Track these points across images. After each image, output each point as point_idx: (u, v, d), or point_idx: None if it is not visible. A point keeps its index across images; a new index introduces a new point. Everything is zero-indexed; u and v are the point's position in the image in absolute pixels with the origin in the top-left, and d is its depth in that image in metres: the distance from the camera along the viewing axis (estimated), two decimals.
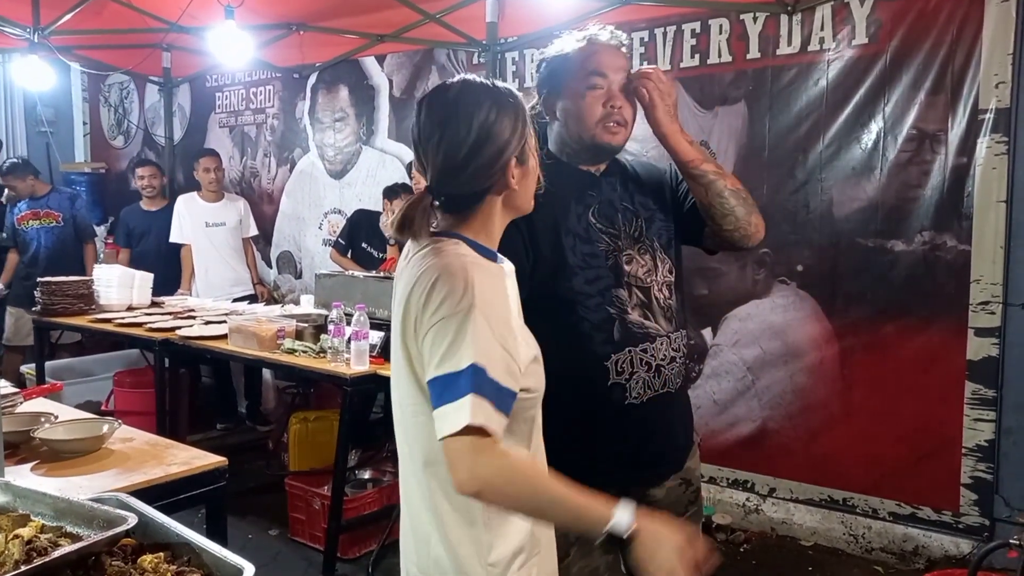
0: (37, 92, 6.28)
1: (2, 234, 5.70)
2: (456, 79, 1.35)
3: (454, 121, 1.28)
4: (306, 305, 4.27)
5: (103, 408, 4.63)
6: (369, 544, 3.52)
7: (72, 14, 4.46)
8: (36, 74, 4.79)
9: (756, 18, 3.70)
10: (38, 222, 5.52)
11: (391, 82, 5.18)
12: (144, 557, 1.20)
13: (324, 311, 3.75)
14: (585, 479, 1.68)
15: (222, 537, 2.01)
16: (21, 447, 2.08)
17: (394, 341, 1.34)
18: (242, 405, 5.29)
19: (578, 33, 1.73)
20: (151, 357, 4.29)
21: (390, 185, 4.74)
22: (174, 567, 1.18)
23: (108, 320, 4.32)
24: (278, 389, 5.27)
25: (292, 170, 5.77)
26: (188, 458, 2.07)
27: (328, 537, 3.34)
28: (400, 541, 1.41)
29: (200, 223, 5.30)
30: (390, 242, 4.58)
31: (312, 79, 5.59)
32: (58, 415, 2.27)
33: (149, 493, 1.77)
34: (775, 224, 3.62)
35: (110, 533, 1.19)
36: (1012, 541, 2.31)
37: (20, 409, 2.33)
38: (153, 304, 4.77)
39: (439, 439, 1.20)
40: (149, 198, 5.56)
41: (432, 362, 1.22)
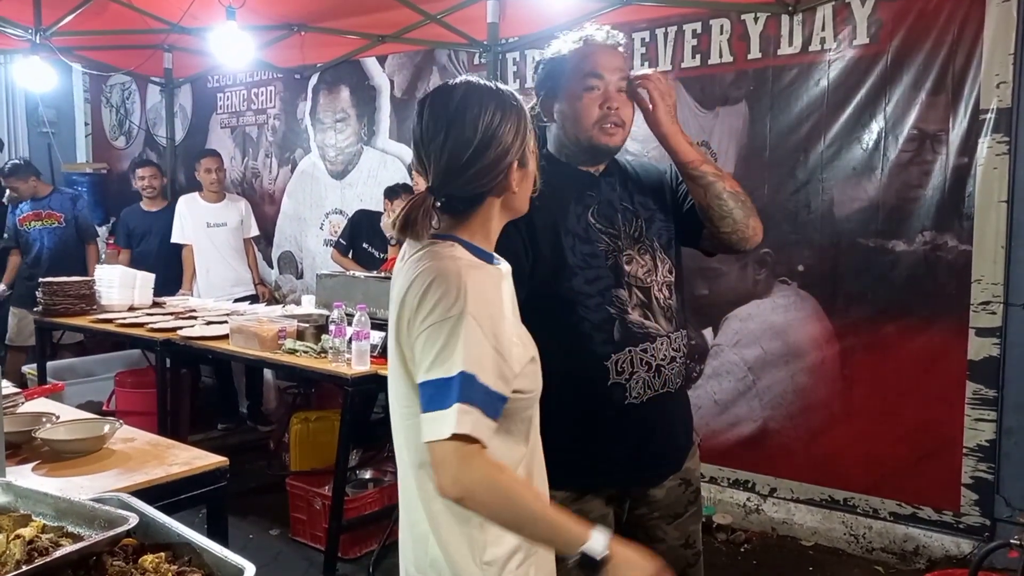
0: (39, 93, 6.28)
1: (3, 235, 5.69)
2: (459, 80, 1.35)
3: (459, 122, 1.28)
4: (307, 305, 4.28)
5: (104, 408, 4.63)
6: (370, 544, 3.52)
7: (74, 15, 4.47)
8: (38, 75, 4.80)
9: (757, 18, 3.70)
10: (40, 223, 5.52)
11: (392, 83, 5.18)
12: (145, 557, 1.20)
13: (325, 311, 3.75)
14: (585, 479, 1.70)
15: (223, 537, 2.01)
16: (22, 447, 2.08)
17: (390, 342, 1.35)
18: (243, 405, 5.30)
19: (574, 34, 1.72)
20: (152, 357, 4.30)
21: (391, 185, 4.75)
22: (175, 567, 1.18)
23: (109, 320, 4.32)
24: (279, 389, 5.28)
25: (293, 170, 5.78)
26: (189, 458, 2.08)
27: (329, 537, 3.34)
28: (399, 541, 1.42)
29: (201, 223, 5.30)
30: (391, 242, 4.58)
31: (313, 80, 5.59)
32: (59, 415, 2.28)
33: (150, 493, 1.77)
34: (776, 224, 3.63)
35: (111, 533, 1.19)
36: (1013, 541, 2.31)
37: (21, 409, 2.34)
38: (154, 304, 4.77)
39: (424, 442, 1.21)
40: (149, 199, 5.56)
41: (423, 365, 1.23)
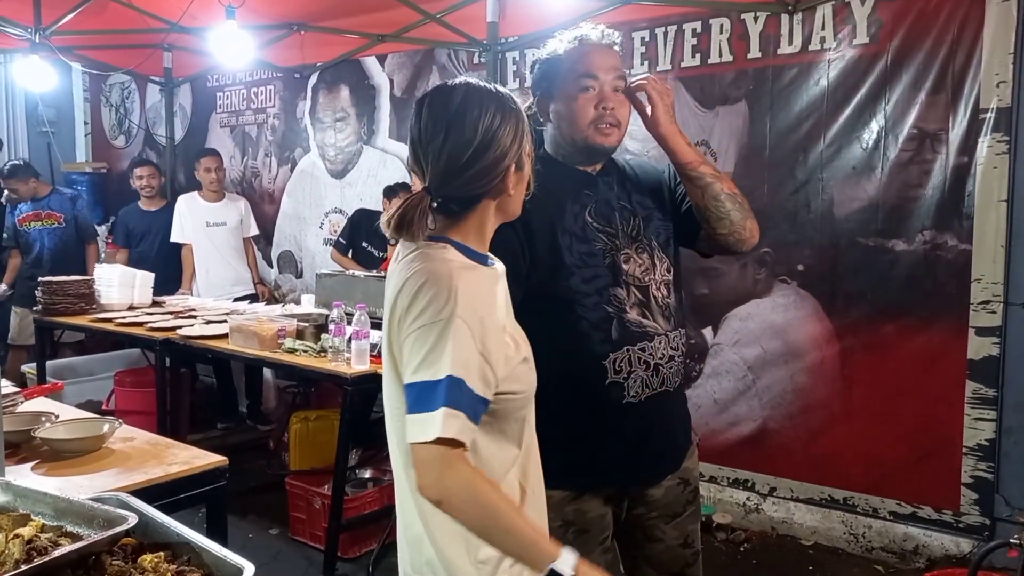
0: (38, 92, 6.28)
1: (3, 235, 5.69)
2: (458, 81, 1.34)
3: (459, 124, 1.28)
4: (307, 304, 4.27)
5: (104, 408, 4.63)
6: (369, 543, 3.52)
7: (73, 14, 4.47)
8: (37, 74, 4.80)
9: (757, 18, 3.70)
10: (40, 223, 5.52)
11: (392, 82, 5.18)
12: (144, 557, 1.20)
13: (325, 310, 3.75)
14: (584, 478, 1.70)
15: (222, 536, 2.01)
16: (22, 446, 2.08)
17: (383, 343, 1.35)
18: (243, 404, 5.30)
19: (569, 33, 1.72)
20: (152, 357, 4.30)
21: (390, 184, 4.76)
22: (174, 567, 1.19)
23: (109, 320, 4.32)
24: (279, 388, 5.28)
25: (293, 170, 5.77)
26: (188, 457, 2.08)
27: (328, 536, 3.34)
28: (397, 541, 1.42)
29: (201, 223, 5.30)
30: (391, 242, 4.55)
31: (313, 79, 5.59)
32: (59, 414, 2.27)
33: (149, 493, 1.77)
34: (776, 223, 3.63)
35: (110, 533, 1.19)
36: (1012, 540, 2.31)
37: (21, 408, 2.34)
38: (154, 304, 4.77)
39: (408, 442, 1.21)
40: (148, 198, 5.56)
41: (410, 367, 1.23)
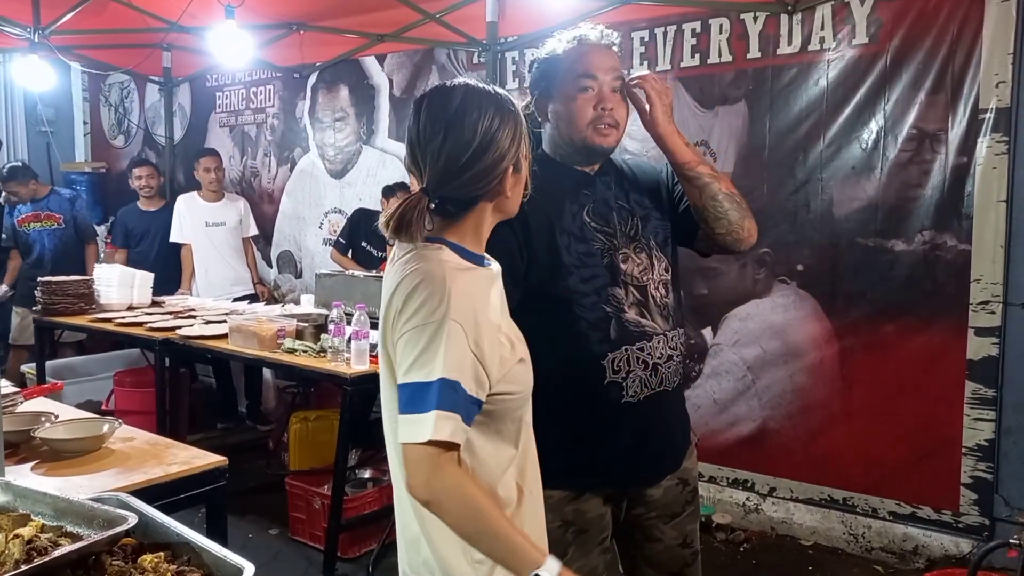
0: (37, 92, 6.27)
1: (1, 235, 5.69)
2: (457, 82, 1.34)
3: (458, 125, 1.28)
4: (306, 304, 4.28)
5: (103, 408, 4.63)
6: (369, 543, 3.52)
7: (72, 14, 4.46)
8: (36, 74, 4.80)
9: (756, 18, 3.70)
10: (39, 224, 5.52)
11: (391, 82, 5.18)
12: (144, 557, 1.20)
13: (324, 311, 3.75)
14: (582, 478, 1.70)
15: (222, 537, 2.01)
16: (21, 447, 2.08)
17: (379, 344, 1.35)
18: (242, 405, 5.29)
19: (568, 33, 1.72)
20: (151, 357, 4.29)
21: (389, 184, 4.75)
22: (174, 567, 1.18)
23: (108, 320, 4.32)
24: (278, 389, 5.28)
25: (292, 170, 5.77)
26: (188, 457, 2.08)
27: (328, 536, 3.34)
28: (396, 542, 1.42)
29: (200, 223, 5.30)
30: (390, 242, 4.57)
31: (312, 79, 5.58)
32: (58, 415, 2.27)
33: (149, 493, 1.77)
34: (775, 223, 3.63)
35: (110, 533, 1.19)
36: (1012, 540, 2.32)
37: (20, 408, 2.34)
38: (153, 304, 4.77)
39: (400, 442, 1.21)
40: (147, 198, 5.56)
41: (402, 367, 1.23)
